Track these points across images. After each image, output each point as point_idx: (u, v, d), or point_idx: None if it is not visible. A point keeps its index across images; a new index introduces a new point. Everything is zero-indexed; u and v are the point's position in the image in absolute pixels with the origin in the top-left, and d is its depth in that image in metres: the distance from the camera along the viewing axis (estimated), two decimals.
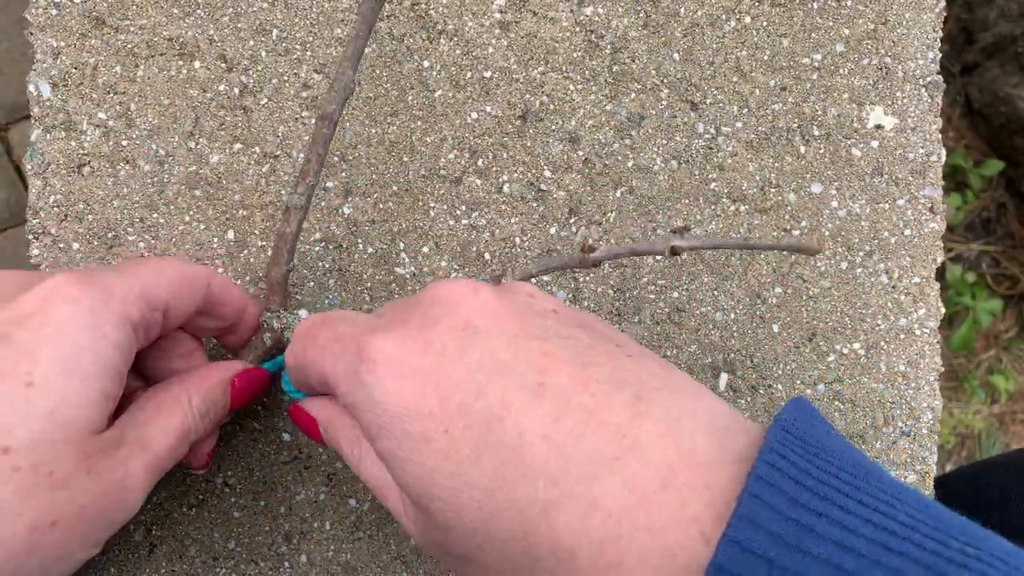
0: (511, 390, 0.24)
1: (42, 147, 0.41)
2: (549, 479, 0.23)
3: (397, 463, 0.26)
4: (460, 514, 0.25)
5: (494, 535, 0.24)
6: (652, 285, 0.43)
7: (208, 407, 0.33)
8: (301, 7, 0.42)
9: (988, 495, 0.55)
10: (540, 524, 0.23)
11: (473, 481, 0.24)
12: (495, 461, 0.24)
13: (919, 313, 0.44)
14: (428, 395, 0.25)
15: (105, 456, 0.28)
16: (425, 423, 0.25)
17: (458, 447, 0.24)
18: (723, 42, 0.44)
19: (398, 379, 0.25)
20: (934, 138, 0.45)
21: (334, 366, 0.28)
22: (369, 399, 0.26)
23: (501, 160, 0.43)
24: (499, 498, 0.24)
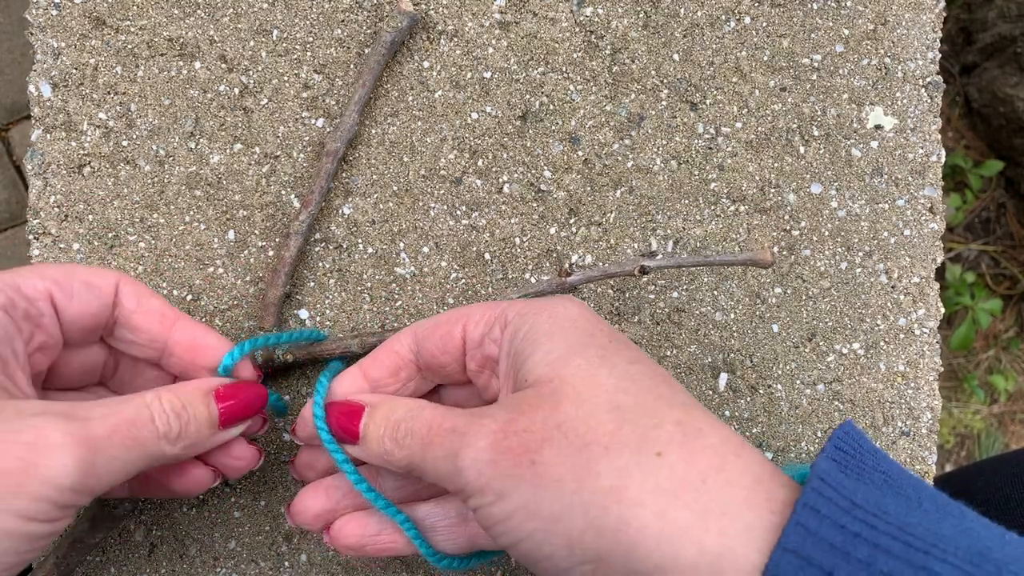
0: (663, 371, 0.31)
1: (42, 147, 0.41)
2: (687, 401, 0.28)
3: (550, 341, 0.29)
4: (591, 380, 0.28)
5: (620, 401, 0.27)
6: (652, 285, 0.43)
7: (183, 408, 0.31)
8: (301, 7, 0.42)
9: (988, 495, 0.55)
10: (674, 409, 0.27)
11: (621, 368, 0.29)
12: (646, 370, 0.29)
13: (918, 313, 0.44)
14: (602, 325, 0.31)
15: (2, 418, 0.28)
16: (594, 330, 0.30)
17: (617, 350, 0.29)
18: (723, 42, 0.44)
19: (582, 308, 0.32)
20: (934, 138, 0.45)
21: (511, 304, 0.32)
22: (550, 309, 0.31)
23: (501, 160, 0.43)
24: (641, 383, 0.28)
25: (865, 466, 0.26)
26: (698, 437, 0.26)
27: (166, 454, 0.31)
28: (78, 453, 0.28)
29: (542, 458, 0.26)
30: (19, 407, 0.29)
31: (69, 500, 0.28)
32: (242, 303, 0.41)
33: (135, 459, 0.30)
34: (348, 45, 0.43)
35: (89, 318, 0.33)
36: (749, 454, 0.25)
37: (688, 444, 0.25)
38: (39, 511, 0.27)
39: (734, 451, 0.25)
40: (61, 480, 0.27)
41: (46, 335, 0.32)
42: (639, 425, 0.26)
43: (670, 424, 0.26)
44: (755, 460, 0.25)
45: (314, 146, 0.42)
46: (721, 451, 0.25)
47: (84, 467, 0.28)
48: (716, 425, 0.26)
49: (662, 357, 0.43)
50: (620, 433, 0.26)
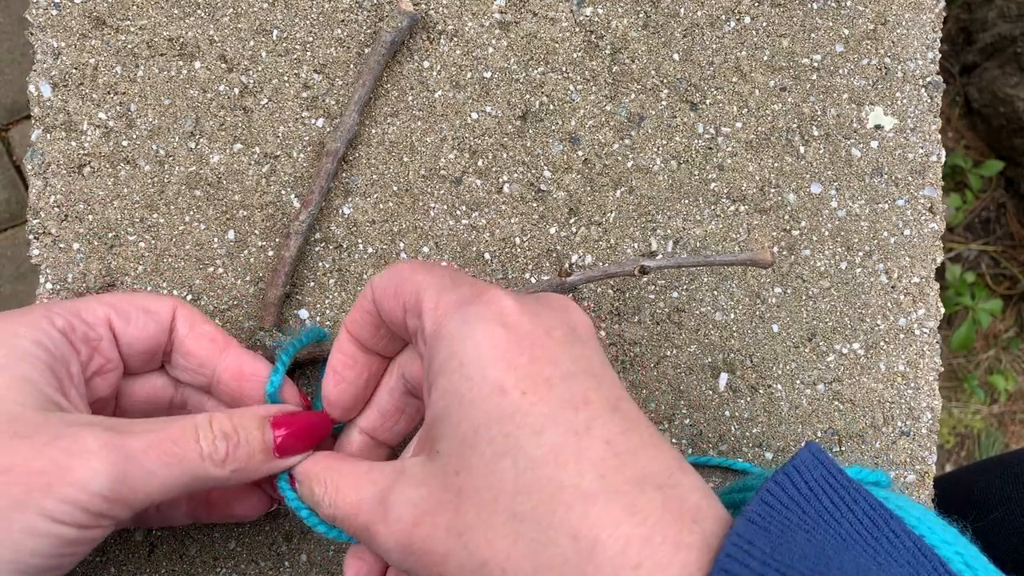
0: (595, 392, 0.26)
1: (42, 147, 0.41)
2: (598, 474, 0.24)
3: (460, 403, 0.26)
4: (493, 478, 0.25)
5: (518, 509, 0.25)
6: (652, 285, 0.43)
7: (233, 431, 0.31)
8: (301, 7, 0.42)
9: (987, 495, 0.55)
10: (573, 508, 0.24)
11: (526, 449, 0.25)
12: (555, 439, 0.25)
13: (918, 313, 0.44)
14: (522, 352, 0.26)
15: (43, 426, 0.28)
16: (507, 375, 0.26)
17: (527, 412, 0.25)
18: (723, 42, 0.44)
19: (502, 327, 0.27)
20: (933, 138, 0.45)
21: (439, 292, 0.29)
22: (465, 332, 0.27)
23: (501, 160, 0.43)
24: (542, 473, 0.25)
25: (789, 523, 0.25)
26: (592, 553, 0.23)
27: (213, 476, 0.31)
28: (111, 459, 0.28)
29: (448, 572, 0.26)
30: (65, 418, 0.29)
31: (100, 508, 0.28)
32: (242, 303, 0.42)
33: (176, 476, 0.30)
34: (348, 45, 0.43)
35: (147, 341, 0.35)
36: (651, 562, 0.23)
37: (582, 566, 0.23)
38: (66, 514, 0.27)
39: (632, 562, 0.23)
40: (91, 485, 0.28)
41: (104, 358, 0.34)
42: (535, 542, 0.24)
43: (565, 539, 0.24)
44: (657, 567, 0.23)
45: (314, 146, 0.42)
46: (616, 568, 0.23)
47: (116, 474, 0.28)
48: (615, 522, 0.24)
49: (662, 357, 0.43)
50: (516, 554, 0.24)
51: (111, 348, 0.34)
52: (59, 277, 0.41)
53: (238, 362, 0.36)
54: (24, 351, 0.30)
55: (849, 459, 0.44)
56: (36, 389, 0.30)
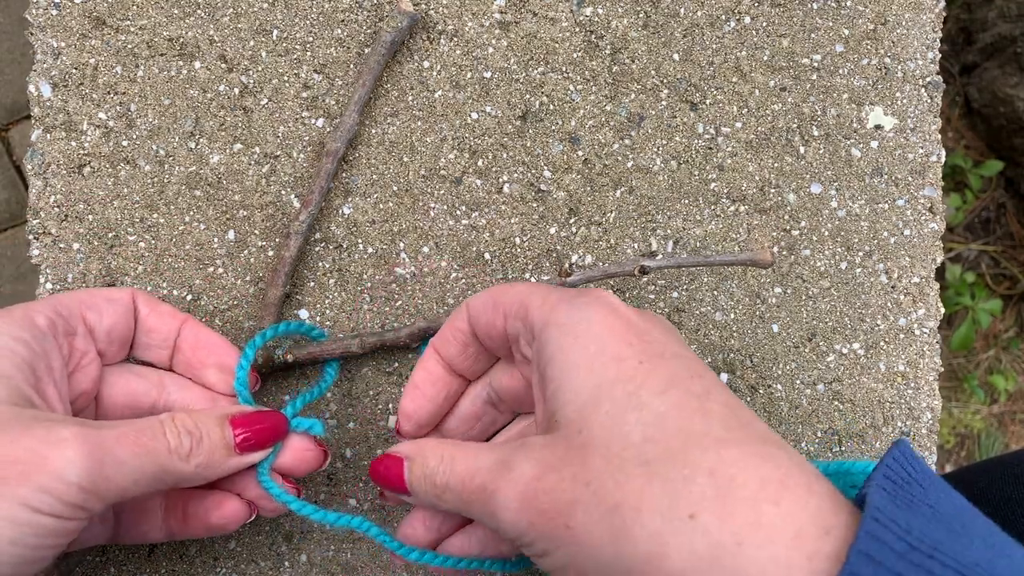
0: (703, 369, 0.29)
1: (42, 147, 0.41)
2: (725, 427, 0.26)
3: (576, 371, 0.28)
4: (618, 431, 0.26)
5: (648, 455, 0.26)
6: (652, 285, 0.43)
7: (195, 427, 0.33)
8: (301, 7, 0.42)
9: (988, 496, 0.55)
10: (708, 450, 0.25)
11: (651, 406, 0.26)
12: (679, 398, 0.27)
13: (918, 313, 0.44)
14: (632, 335, 0.29)
15: (19, 420, 0.29)
16: (623, 348, 0.28)
17: (648, 376, 0.27)
18: (723, 42, 0.44)
19: (612, 312, 0.29)
20: (933, 138, 0.45)
21: (546, 294, 0.31)
22: (577, 316, 0.29)
23: (501, 160, 0.43)
24: (670, 424, 0.26)
25: (914, 498, 0.25)
26: (731, 488, 0.24)
27: (180, 470, 0.32)
28: (85, 449, 0.29)
29: (575, 522, 0.26)
30: (37, 414, 0.30)
31: (76, 498, 0.29)
32: (242, 303, 0.41)
33: (145, 467, 0.31)
34: (348, 45, 0.43)
35: (116, 328, 0.36)
36: (790, 499, 0.24)
37: (721, 499, 0.24)
38: (44, 503, 0.28)
39: (772, 498, 0.24)
40: (67, 474, 0.28)
41: (81, 351, 0.35)
42: (669, 480, 0.25)
43: (702, 476, 0.24)
44: (797, 505, 0.24)
45: (314, 146, 0.42)
46: (758, 502, 0.24)
47: (92, 464, 0.29)
48: (752, 464, 0.25)
49: None
50: (650, 491, 0.25)
51: (87, 339, 0.35)
52: (59, 277, 0.41)
53: (194, 333, 0.38)
54: (3, 346, 0.31)
55: (849, 459, 0.44)
56: (11, 385, 0.30)
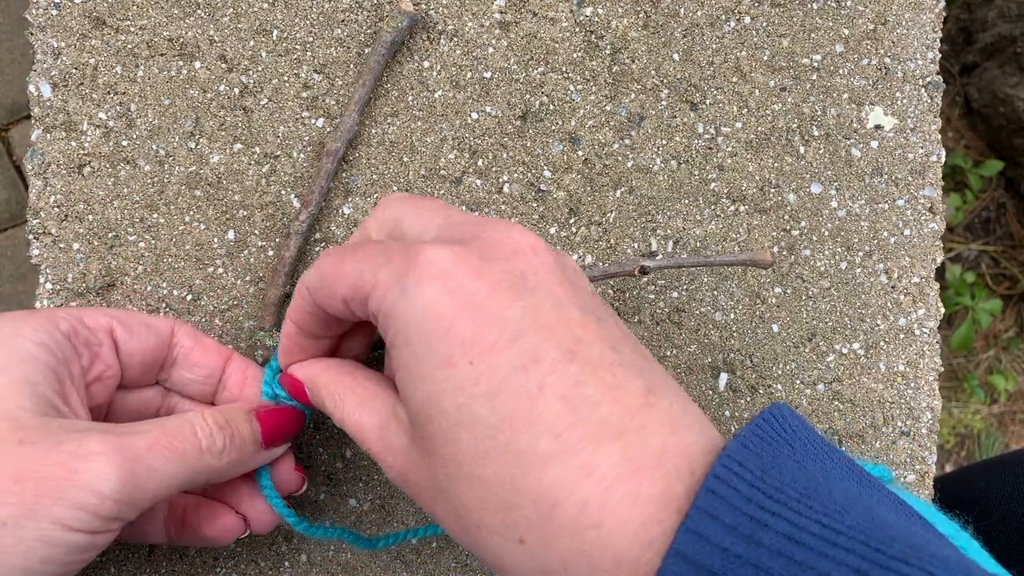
0: (545, 347, 0.25)
1: (42, 147, 0.41)
2: (554, 434, 0.24)
3: (410, 378, 0.26)
4: (455, 446, 0.26)
5: (481, 473, 0.25)
6: (652, 285, 0.43)
7: (226, 423, 0.33)
8: (301, 7, 0.42)
9: (989, 495, 0.55)
10: (531, 472, 0.24)
11: (480, 417, 0.25)
12: (509, 404, 0.25)
13: (918, 313, 0.44)
14: (466, 320, 0.26)
15: (48, 431, 0.29)
16: (453, 346, 0.25)
17: (478, 381, 0.25)
18: (723, 42, 0.44)
19: (443, 293, 0.26)
20: (933, 138, 0.45)
21: (375, 273, 0.28)
22: (407, 305, 0.26)
23: (501, 160, 0.43)
24: (499, 439, 0.25)
25: (779, 454, 0.25)
26: (552, 515, 0.24)
27: (211, 467, 0.32)
28: (117, 461, 0.28)
29: (437, 514, 0.28)
30: (64, 423, 0.30)
31: (111, 511, 0.28)
32: (242, 303, 0.42)
33: (178, 472, 0.31)
34: (348, 45, 0.43)
35: (147, 353, 0.36)
36: (611, 521, 0.23)
37: (543, 527, 0.24)
38: (79, 520, 0.28)
39: (593, 522, 0.23)
40: (101, 488, 0.28)
41: (104, 365, 0.34)
42: (500, 504, 0.25)
43: (527, 503, 0.24)
44: (617, 524, 0.23)
45: (314, 146, 0.42)
46: (579, 528, 0.23)
47: (124, 475, 0.28)
48: (573, 483, 0.24)
49: (662, 357, 0.43)
50: (485, 513, 0.25)
51: (111, 355, 0.35)
52: (59, 277, 0.41)
53: (242, 368, 0.37)
54: (26, 352, 0.31)
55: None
56: (37, 392, 0.30)
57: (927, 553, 0.21)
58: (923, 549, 0.21)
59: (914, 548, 0.21)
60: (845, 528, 0.21)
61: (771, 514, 0.22)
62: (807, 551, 0.21)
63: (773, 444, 0.25)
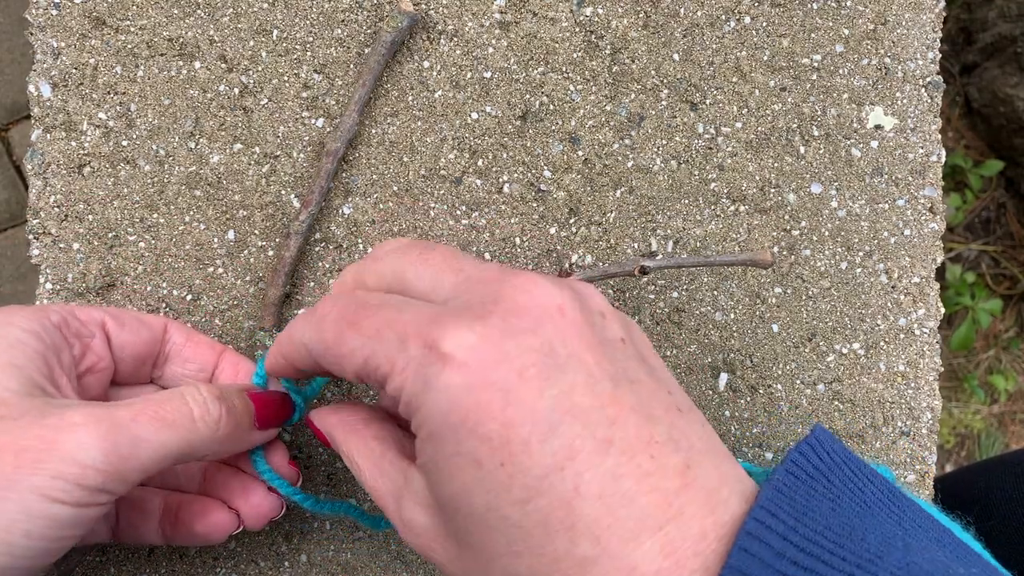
0: (581, 439, 0.24)
1: (42, 147, 0.41)
2: (593, 537, 0.23)
3: (439, 475, 0.25)
4: (486, 540, 0.25)
5: (514, 570, 0.24)
6: (652, 285, 0.43)
7: (221, 395, 0.32)
8: (301, 7, 0.42)
9: (989, 496, 0.55)
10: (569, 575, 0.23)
11: (513, 521, 0.24)
12: (543, 509, 0.23)
13: (918, 313, 0.44)
14: (494, 416, 0.24)
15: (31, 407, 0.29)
16: (482, 447, 0.24)
17: (510, 485, 0.24)
18: (723, 42, 0.44)
19: (468, 389, 0.24)
20: (934, 138, 0.45)
21: (390, 357, 0.25)
22: (431, 400, 0.24)
23: (501, 160, 0.43)
24: (534, 543, 0.24)
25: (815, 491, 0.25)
26: None
27: (206, 437, 0.31)
28: (100, 431, 0.28)
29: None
30: (49, 401, 0.30)
31: (94, 481, 0.28)
32: (242, 303, 0.42)
33: (169, 441, 0.30)
34: (348, 45, 0.43)
35: (139, 346, 0.36)
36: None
37: None
38: (60, 490, 0.27)
39: None
40: (82, 457, 0.27)
41: (96, 356, 0.35)
42: None
43: None
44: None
45: (314, 146, 0.42)
46: None
47: (107, 445, 0.28)
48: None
49: (662, 357, 0.43)
50: None
51: (103, 347, 0.35)
52: (59, 277, 0.41)
53: (233, 364, 0.38)
54: (15, 339, 0.31)
55: None
56: (24, 375, 0.30)
57: None
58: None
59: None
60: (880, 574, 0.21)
61: (804, 569, 0.22)
62: None
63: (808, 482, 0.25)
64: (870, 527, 0.23)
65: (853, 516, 0.24)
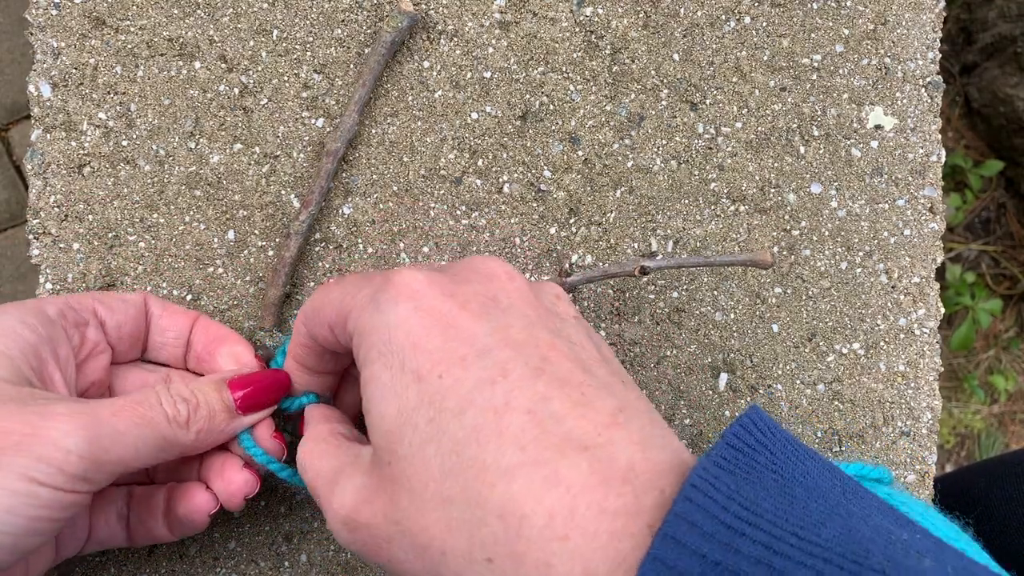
0: (513, 362, 0.26)
1: (42, 147, 0.41)
2: (519, 446, 0.24)
3: (382, 394, 0.27)
4: (420, 465, 0.25)
5: (446, 493, 0.25)
6: (652, 285, 0.43)
7: (191, 394, 0.33)
8: (301, 7, 0.42)
9: (989, 496, 0.55)
10: (496, 486, 0.24)
11: (449, 432, 0.25)
12: (476, 419, 0.25)
13: (918, 313, 0.44)
14: (435, 335, 0.26)
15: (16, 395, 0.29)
16: (422, 360, 0.26)
17: (445, 395, 0.25)
18: (723, 42, 0.44)
19: (414, 310, 0.27)
20: (934, 138, 0.45)
21: (354, 296, 0.29)
22: (379, 321, 0.27)
23: (501, 160, 0.43)
24: (466, 455, 0.25)
25: (757, 464, 0.25)
26: (520, 529, 0.23)
27: (180, 439, 0.32)
28: (82, 421, 0.29)
29: (393, 557, 0.27)
30: (34, 392, 0.30)
31: (76, 468, 0.29)
32: (242, 303, 0.42)
33: (146, 436, 0.31)
34: (348, 45, 0.43)
35: (130, 324, 0.37)
36: (578, 533, 0.23)
37: (511, 542, 0.23)
38: (43, 473, 0.28)
39: (560, 534, 0.23)
40: (65, 443, 0.28)
41: (93, 343, 0.35)
42: (466, 522, 0.24)
43: (492, 518, 0.24)
44: (585, 536, 0.23)
45: (314, 146, 0.42)
46: (546, 541, 0.23)
47: (89, 434, 0.29)
48: (539, 495, 0.23)
49: (662, 357, 0.43)
50: (451, 534, 0.25)
51: (98, 332, 0.36)
52: (59, 277, 0.41)
53: (204, 328, 0.38)
54: (8, 328, 0.31)
55: (849, 459, 0.44)
56: (13, 365, 0.31)
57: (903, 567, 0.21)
58: (900, 563, 0.21)
59: (892, 562, 0.21)
60: (822, 540, 0.21)
61: (748, 524, 0.22)
62: (786, 560, 0.21)
63: (750, 453, 0.25)
64: (813, 496, 0.23)
65: (796, 486, 0.24)
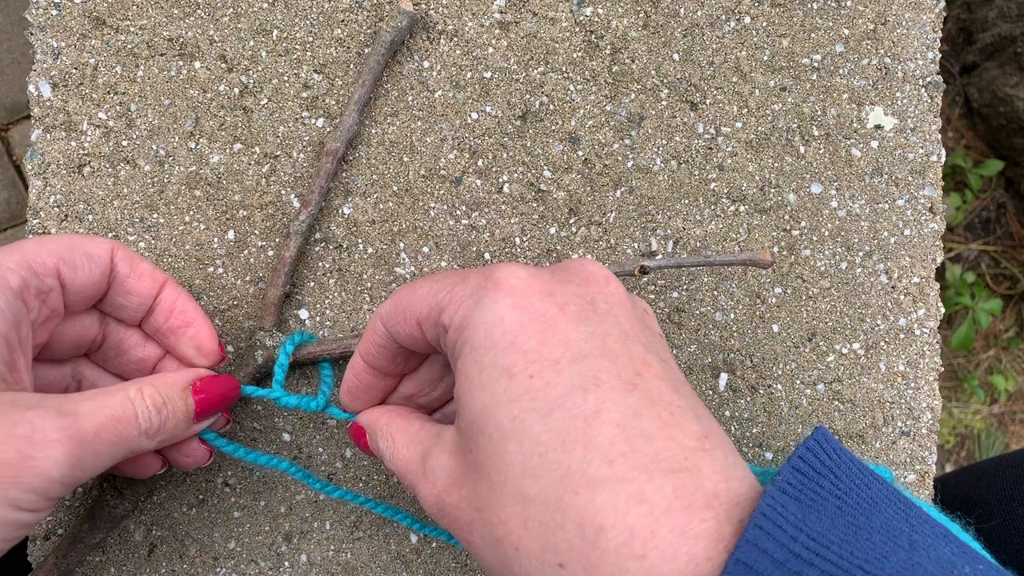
0: (607, 372, 0.26)
1: (42, 147, 0.41)
2: (607, 459, 0.24)
3: (470, 386, 0.27)
4: (503, 459, 0.25)
5: (527, 491, 0.25)
6: (652, 285, 0.43)
7: (163, 404, 0.33)
8: (301, 7, 0.42)
9: (990, 497, 0.55)
10: (580, 494, 0.24)
11: (532, 432, 0.25)
12: (563, 423, 0.25)
13: (918, 313, 0.44)
14: (532, 335, 0.26)
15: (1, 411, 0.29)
16: (516, 359, 0.26)
17: (535, 396, 0.25)
18: (723, 42, 0.44)
19: (512, 307, 0.27)
20: (934, 138, 0.45)
21: (451, 291, 0.29)
22: (478, 316, 0.27)
23: (501, 160, 0.43)
24: (550, 458, 0.25)
25: (821, 490, 0.25)
26: (598, 541, 0.23)
27: (144, 447, 0.33)
28: (69, 448, 0.29)
29: (473, 539, 0.27)
30: (16, 399, 0.30)
31: (56, 492, 0.29)
32: (242, 303, 0.42)
33: (117, 453, 0.32)
34: (348, 45, 0.43)
35: (91, 287, 0.35)
36: (656, 553, 0.23)
37: (587, 552, 0.23)
38: (28, 501, 0.29)
39: (638, 552, 0.23)
40: (52, 473, 0.29)
41: (51, 309, 0.34)
42: (543, 524, 0.24)
43: (571, 525, 0.24)
44: (664, 558, 0.23)
45: (314, 146, 0.42)
46: (622, 557, 0.23)
47: (73, 461, 0.29)
48: (622, 511, 0.23)
49: None
50: (526, 533, 0.25)
51: (58, 298, 0.34)
52: None
53: (172, 298, 0.37)
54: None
55: None
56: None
57: None
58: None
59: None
60: (885, 575, 0.21)
61: (816, 555, 0.22)
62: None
63: (815, 478, 0.25)
64: (876, 525, 0.23)
65: (859, 514, 0.24)
